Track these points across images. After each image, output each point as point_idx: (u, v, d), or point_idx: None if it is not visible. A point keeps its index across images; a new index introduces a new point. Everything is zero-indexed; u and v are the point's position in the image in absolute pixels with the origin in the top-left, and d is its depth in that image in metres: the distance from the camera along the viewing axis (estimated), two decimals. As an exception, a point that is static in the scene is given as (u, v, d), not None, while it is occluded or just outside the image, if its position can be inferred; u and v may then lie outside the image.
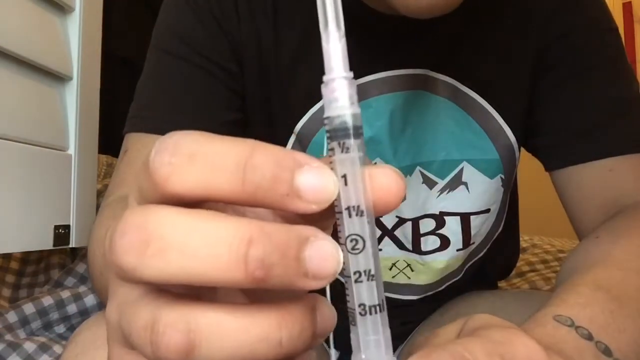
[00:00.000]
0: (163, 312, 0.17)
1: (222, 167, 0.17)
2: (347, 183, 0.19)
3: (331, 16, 0.19)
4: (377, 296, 0.19)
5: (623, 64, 0.57)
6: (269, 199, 0.17)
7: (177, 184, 0.17)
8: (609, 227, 0.48)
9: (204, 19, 0.54)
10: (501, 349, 0.21)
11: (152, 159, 0.17)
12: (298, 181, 0.17)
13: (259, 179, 0.17)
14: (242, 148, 0.17)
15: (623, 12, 2.19)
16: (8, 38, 0.72)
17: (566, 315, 0.33)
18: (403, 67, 0.54)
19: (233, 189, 0.17)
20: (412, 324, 0.66)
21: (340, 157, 0.19)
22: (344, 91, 0.19)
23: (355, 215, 0.19)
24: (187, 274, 0.16)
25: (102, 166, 1.33)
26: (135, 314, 0.18)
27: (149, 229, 0.16)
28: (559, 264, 1.11)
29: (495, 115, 0.56)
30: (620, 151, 0.54)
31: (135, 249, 0.16)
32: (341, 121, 0.19)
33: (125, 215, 0.17)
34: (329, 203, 0.17)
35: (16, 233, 0.75)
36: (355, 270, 0.19)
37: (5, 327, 0.74)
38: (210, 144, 0.17)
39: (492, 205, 0.59)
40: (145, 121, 0.54)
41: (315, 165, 0.17)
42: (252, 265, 0.16)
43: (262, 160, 0.17)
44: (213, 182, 0.17)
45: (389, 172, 0.19)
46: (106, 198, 0.53)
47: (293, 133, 0.56)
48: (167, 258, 0.16)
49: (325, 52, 0.19)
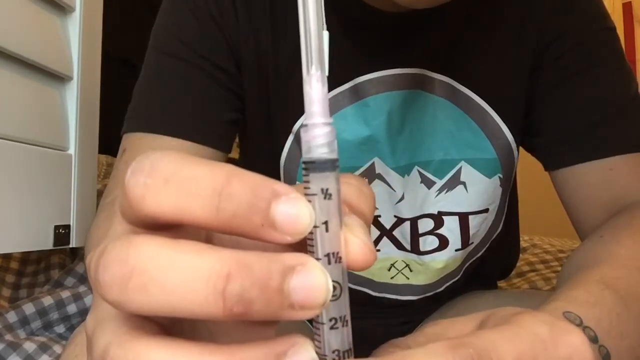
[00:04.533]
0: (112, 347, 0.17)
1: (197, 192, 0.17)
2: (328, 229, 0.18)
3: (315, 60, 0.19)
4: (348, 341, 0.19)
5: (621, 63, 0.57)
6: (244, 228, 0.17)
7: (151, 206, 0.17)
8: (613, 227, 0.48)
9: (202, 20, 0.54)
10: (538, 350, 0.19)
11: (127, 178, 0.17)
12: (273, 212, 0.17)
13: (235, 208, 0.17)
14: (219, 174, 0.17)
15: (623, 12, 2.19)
16: (8, 38, 0.72)
17: (575, 313, 0.32)
18: (401, 67, 0.54)
19: (207, 215, 0.17)
20: (411, 323, 0.66)
21: (322, 203, 0.19)
22: (326, 138, 0.19)
23: (335, 262, 0.19)
24: (168, 308, 0.16)
25: (102, 166, 1.34)
26: (96, 339, 0.18)
27: (130, 263, 0.16)
28: (559, 264, 1.11)
29: (493, 115, 0.56)
30: (621, 150, 0.54)
31: (117, 284, 0.16)
32: (324, 167, 0.19)
33: (108, 248, 0.17)
34: (303, 235, 0.17)
35: (16, 233, 0.75)
36: (331, 317, 0.19)
37: (5, 327, 0.75)
38: (187, 168, 0.17)
39: (491, 205, 0.59)
40: (143, 121, 0.54)
41: (293, 196, 0.17)
42: (230, 301, 0.16)
43: (239, 189, 0.17)
44: (187, 207, 0.17)
45: (363, 246, 0.19)
46: (104, 198, 0.53)
47: (291, 133, 0.56)
48: (148, 293, 0.16)
49: (307, 96, 0.19)
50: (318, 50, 0.19)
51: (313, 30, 0.19)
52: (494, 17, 0.55)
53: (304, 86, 0.19)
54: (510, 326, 0.21)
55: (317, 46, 0.19)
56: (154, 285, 0.16)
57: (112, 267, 0.17)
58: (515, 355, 0.19)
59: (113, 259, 0.17)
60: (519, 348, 0.19)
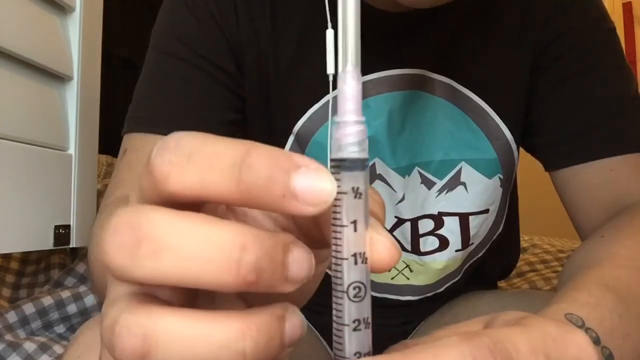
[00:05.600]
0: (123, 314, 0.17)
1: (219, 166, 0.17)
2: (356, 229, 0.18)
3: (352, 57, 0.18)
4: (369, 344, 0.19)
5: (621, 63, 0.57)
6: (265, 200, 0.17)
7: (176, 182, 0.17)
8: (614, 227, 0.48)
9: (202, 20, 0.54)
10: (550, 346, 0.19)
11: (153, 157, 0.17)
12: (294, 182, 0.17)
13: (254, 179, 0.17)
14: (239, 148, 0.17)
15: (623, 12, 2.19)
16: (8, 38, 0.72)
17: (577, 314, 0.32)
18: (401, 67, 0.54)
19: (228, 188, 0.17)
20: (412, 323, 0.66)
21: (352, 202, 0.18)
22: (358, 136, 0.18)
23: (361, 262, 0.18)
24: (179, 276, 0.16)
25: (102, 166, 1.34)
26: (106, 314, 0.18)
27: (142, 229, 0.16)
28: (559, 264, 1.11)
29: (493, 115, 0.56)
30: (621, 151, 0.54)
31: (127, 248, 0.16)
32: (355, 166, 0.18)
33: (117, 213, 0.17)
34: (326, 205, 0.17)
35: (16, 233, 0.75)
36: (355, 319, 0.18)
37: (5, 327, 0.75)
38: (209, 144, 0.17)
39: (491, 205, 0.59)
40: (144, 122, 0.54)
41: (314, 167, 0.17)
42: (244, 269, 0.16)
43: (258, 161, 0.17)
44: (209, 181, 0.17)
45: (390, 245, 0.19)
46: (105, 199, 0.53)
47: (292, 133, 0.56)
48: (160, 259, 0.16)
49: (341, 93, 0.18)
50: (355, 48, 0.18)
51: (351, 27, 0.18)
52: (494, 18, 0.55)
53: (338, 83, 0.18)
54: (519, 325, 0.21)
55: (353, 43, 0.18)
56: (168, 252, 0.16)
57: (122, 231, 0.16)
58: (529, 347, 0.19)
59: (123, 223, 0.16)
60: (533, 341, 0.19)
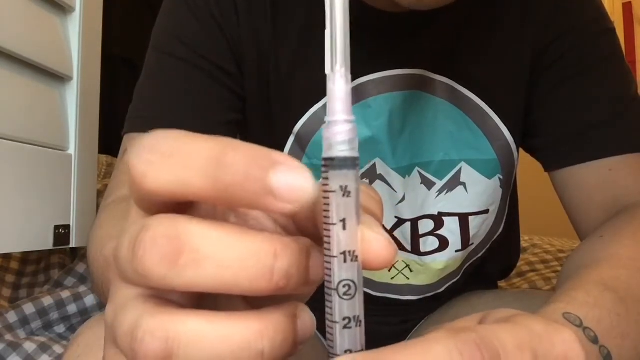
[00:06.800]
0: (144, 318, 0.17)
1: (195, 165, 0.17)
2: (345, 227, 0.18)
3: (340, 58, 0.19)
4: (361, 342, 0.19)
5: (621, 63, 0.57)
6: (242, 198, 0.17)
7: (152, 181, 0.17)
8: (613, 227, 0.48)
9: (203, 20, 0.54)
10: (536, 343, 0.20)
11: (131, 157, 0.18)
12: (272, 179, 0.17)
13: (231, 177, 0.17)
14: (216, 146, 0.17)
15: (623, 12, 2.19)
16: (8, 38, 0.72)
17: (575, 314, 0.32)
18: (401, 67, 0.54)
19: (204, 186, 0.17)
20: (411, 322, 0.66)
21: (341, 201, 0.18)
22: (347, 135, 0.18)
23: (351, 260, 0.18)
24: (218, 283, 0.17)
25: (102, 166, 1.34)
26: (121, 318, 0.18)
27: (182, 240, 0.17)
28: (559, 264, 1.11)
29: (493, 116, 0.56)
30: (620, 151, 0.54)
31: (167, 258, 0.17)
32: (344, 165, 0.18)
33: (152, 224, 0.17)
34: (306, 203, 0.17)
35: (16, 233, 0.75)
36: (345, 317, 0.19)
37: (5, 327, 0.75)
38: (187, 143, 0.17)
39: (491, 206, 0.59)
40: (145, 122, 0.54)
41: (292, 164, 0.17)
42: (277, 275, 0.17)
43: (235, 158, 0.17)
44: (185, 179, 0.17)
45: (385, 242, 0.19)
46: (105, 199, 0.53)
47: (292, 133, 0.56)
48: (200, 268, 0.17)
49: (330, 93, 0.19)
50: (344, 48, 0.19)
51: (339, 28, 0.19)
52: (494, 19, 0.55)
53: (327, 83, 0.19)
54: (508, 322, 0.21)
55: (342, 44, 0.19)
56: (208, 261, 0.17)
57: (161, 243, 0.17)
58: (516, 343, 0.19)
59: (162, 235, 0.17)
60: (520, 338, 0.19)
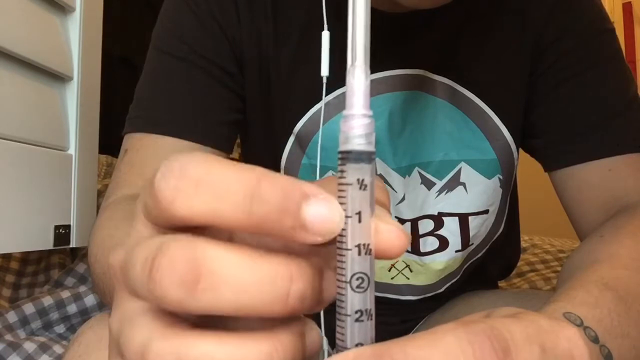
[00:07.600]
0: (155, 340, 0.17)
1: (229, 196, 0.17)
2: (360, 220, 0.18)
3: (360, 52, 0.19)
4: (371, 336, 0.19)
5: (620, 64, 0.57)
6: (275, 230, 0.17)
7: (183, 208, 0.17)
8: (613, 227, 0.48)
9: (204, 20, 0.54)
10: (544, 337, 0.20)
11: (157, 180, 0.18)
12: (304, 213, 0.17)
13: (266, 211, 0.17)
14: (249, 176, 0.17)
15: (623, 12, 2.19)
16: (8, 38, 0.72)
17: (576, 313, 0.32)
18: (401, 68, 0.54)
19: (239, 218, 0.17)
20: (411, 322, 0.66)
21: (357, 194, 0.18)
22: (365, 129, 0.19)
23: (365, 253, 0.19)
24: (234, 308, 0.17)
25: (102, 166, 1.34)
26: (130, 336, 0.18)
27: (200, 264, 0.17)
28: (559, 264, 1.11)
29: (493, 116, 0.56)
30: (619, 151, 0.54)
31: (185, 282, 0.17)
32: (361, 158, 0.19)
33: (169, 246, 0.17)
34: (334, 235, 0.18)
35: (16, 233, 0.75)
36: (357, 309, 0.19)
37: (5, 327, 0.75)
38: (217, 171, 0.17)
39: (491, 206, 0.59)
40: (145, 121, 0.54)
41: (322, 197, 0.17)
42: (293, 299, 0.17)
43: (269, 192, 0.17)
44: (219, 210, 0.17)
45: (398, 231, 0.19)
46: (106, 199, 0.53)
47: (292, 134, 0.56)
48: (218, 293, 0.17)
49: (349, 86, 0.19)
50: (364, 43, 0.19)
51: (360, 23, 0.19)
52: (493, 19, 0.55)
53: (347, 77, 0.19)
54: (514, 317, 0.21)
55: (363, 39, 0.19)
56: (226, 286, 0.17)
57: (180, 267, 0.17)
58: (525, 335, 0.19)
59: (180, 259, 0.17)
60: (528, 332, 0.20)
